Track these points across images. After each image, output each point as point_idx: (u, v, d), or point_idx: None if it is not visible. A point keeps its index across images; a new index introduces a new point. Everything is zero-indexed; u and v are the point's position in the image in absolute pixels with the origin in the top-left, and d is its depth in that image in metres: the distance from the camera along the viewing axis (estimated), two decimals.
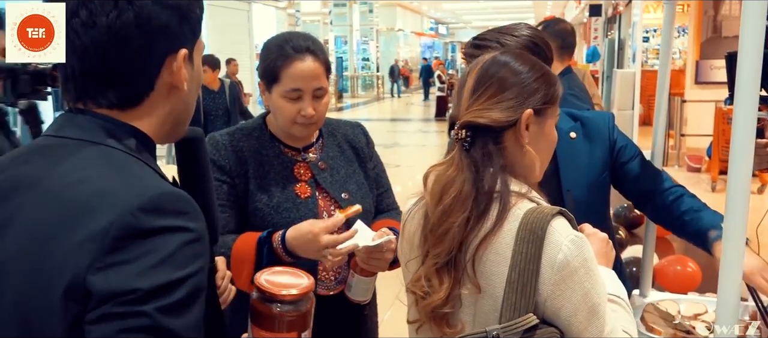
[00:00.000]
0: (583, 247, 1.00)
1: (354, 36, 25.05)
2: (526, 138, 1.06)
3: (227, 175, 1.52)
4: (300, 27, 18.87)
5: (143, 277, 0.68)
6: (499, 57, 1.11)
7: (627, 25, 11.01)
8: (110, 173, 0.76)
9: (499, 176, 1.04)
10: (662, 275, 3.42)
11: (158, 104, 0.84)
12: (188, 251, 0.72)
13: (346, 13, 23.81)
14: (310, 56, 1.50)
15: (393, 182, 1.78)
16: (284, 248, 1.44)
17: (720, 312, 1.09)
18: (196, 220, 0.76)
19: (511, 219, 1.02)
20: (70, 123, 0.82)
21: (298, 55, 1.49)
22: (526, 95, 1.07)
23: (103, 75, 0.80)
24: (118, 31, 0.77)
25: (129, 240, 0.69)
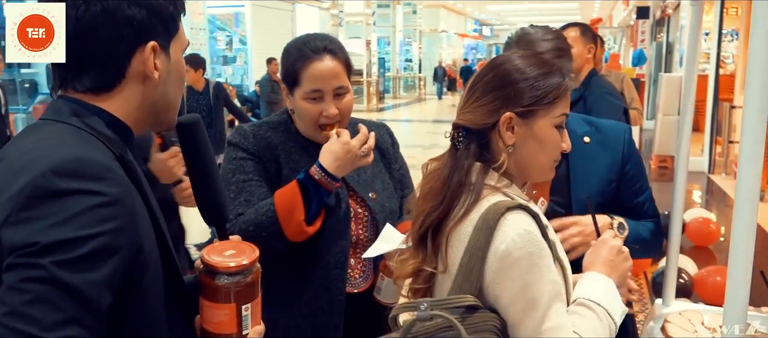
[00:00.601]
0: (531, 241, 1.05)
1: (397, 37, 25.07)
2: (508, 139, 1.13)
3: (258, 158, 1.54)
4: (343, 28, 19.00)
5: (44, 232, 0.74)
6: (497, 59, 1.18)
7: (675, 28, 10.70)
8: (50, 144, 0.83)
9: (475, 171, 1.13)
10: (701, 285, 3.32)
11: (131, 92, 0.92)
12: (97, 214, 0.77)
13: (390, 14, 23.85)
14: (328, 56, 1.50)
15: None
16: (328, 175, 1.46)
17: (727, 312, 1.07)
18: (114, 186, 0.80)
19: (478, 210, 1.10)
20: (52, 107, 0.92)
21: (316, 55, 1.50)
22: (508, 98, 1.13)
23: (77, 62, 0.88)
24: (87, 23, 0.86)
25: (39, 199, 0.76)
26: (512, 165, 1.15)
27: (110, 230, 0.77)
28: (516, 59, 1.16)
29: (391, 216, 1.61)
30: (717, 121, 7.77)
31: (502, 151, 1.13)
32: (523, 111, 1.12)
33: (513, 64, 1.15)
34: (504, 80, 1.13)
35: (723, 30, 8.01)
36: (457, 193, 1.13)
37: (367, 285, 1.61)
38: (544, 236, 1.08)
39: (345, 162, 1.47)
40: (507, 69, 1.14)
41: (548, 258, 1.07)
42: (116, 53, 0.89)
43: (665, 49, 12.09)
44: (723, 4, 7.86)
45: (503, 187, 1.13)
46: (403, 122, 17.52)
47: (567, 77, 1.17)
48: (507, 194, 1.12)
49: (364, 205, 1.60)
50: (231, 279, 0.94)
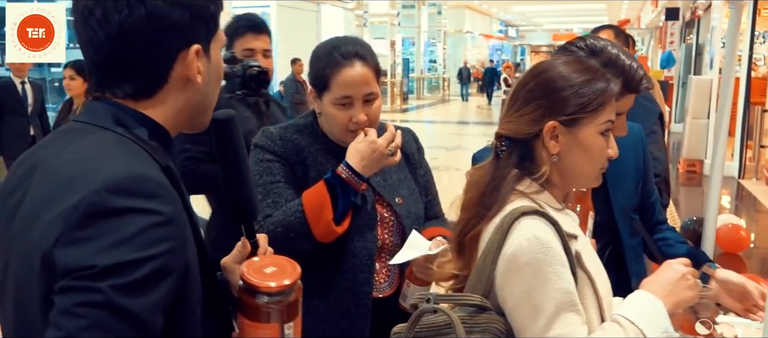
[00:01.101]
0: (538, 248, 1.03)
1: (421, 37, 25.04)
2: (553, 149, 1.11)
3: (285, 160, 1.53)
4: (368, 28, 19.02)
5: (101, 254, 0.71)
6: (540, 66, 1.15)
7: (706, 29, 10.48)
8: (97, 155, 0.80)
9: (511, 177, 1.12)
10: None
11: (173, 96, 0.89)
12: (153, 234, 0.74)
13: (415, 14, 23.84)
14: (359, 62, 1.49)
15: (453, 185, 1.76)
16: (355, 174, 1.46)
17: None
18: (168, 204, 0.78)
19: (502, 213, 1.10)
20: (89, 110, 0.89)
21: (346, 61, 1.48)
22: (551, 106, 1.10)
23: (118, 68, 0.85)
24: (130, 28, 0.82)
25: (94, 218, 0.73)
26: (556, 174, 1.13)
27: (166, 251, 0.75)
28: (559, 66, 1.13)
29: (416, 221, 1.60)
30: (748, 125, 7.59)
31: (545, 161, 1.11)
32: (567, 120, 1.10)
33: (556, 71, 1.12)
34: (547, 88, 1.11)
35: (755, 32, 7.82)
36: (494, 200, 1.12)
37: (392, 290, 1.60)
38: (564, 246, 1.06)
39: (371, 161, 1.46)
40: (550, 76, 1.12)
41: (559, 266, 1.04)
42: (159, 59, 0.86)
43: (695, 52, 11.86)
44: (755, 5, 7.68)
45: (532, 193, 1.11)
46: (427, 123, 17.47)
47: (612, 82, 1.13)
48: (534, 199, 1.11)
49: (390, 210, 1.58)
50: (273, 299, 0.91)
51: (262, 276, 0.93)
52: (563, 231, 1.07)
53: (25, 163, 0.88)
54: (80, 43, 0.86)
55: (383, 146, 1.46)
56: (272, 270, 0.95)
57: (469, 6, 28.53)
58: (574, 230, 1.12)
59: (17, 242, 0.79)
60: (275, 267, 0.95)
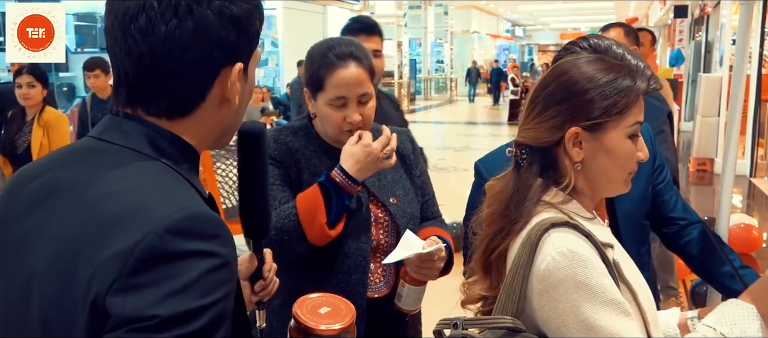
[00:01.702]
0: (575, 261, 0.96)
1: (428, 38, 25.00)
2: (576, 156, 1.04)
3: (279, 163, 1.54)
4: None
5: (163, 304, 0.66)
6: (559, 67, 1.08)
7: (715, 26, 10.40)
8: (145, 188, 0.74)
9: (536, 188, 1.06)
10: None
11: (208, 116, 0.82)
12: (214, 278, 0.69)
13: (421, 15, 23.79)
14: (353, 62, 1.50)
15: (461, 186, 1.75)
16: (349, 178, 1.46)
17: None
18: (225, 244, 0.73)
19: (529, 226, 1.03)
20: (116, 127, 0.81)
21: (341, 62, 1.49)
22: (572, 111, 1.03)
23: (155, 82, 0.78)
24: (176, 41, 0.76)
25: (153, 263, 0.67)
26: (582, 182, 1.07)
27: (224, 296, 0.71)
28: (582, 65, 1.05)
29: (412, 222, 1.60)
30: (759, 122, 7.52)
31: (569, 169, 1.05)
32: (590, 125, 1.03)
33: (577, 72, 1.04)
34: (567, 92, 1.04)
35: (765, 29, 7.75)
36: (519, 214, 1.05)
37: (388, 290, 1.60)
38: (601, 256, 0.99)
39: (366, 165, 1.46)
40: (570, 79, 1.04)
41: (602, 277, 0.97)
42: (202, 76, 0.79)
43: (704, 49, 11.77)
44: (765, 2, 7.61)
45: (559, 203, 1.05)
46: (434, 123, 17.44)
47: (639, 80, 1.05)
48: (562, 210, 1.04)
49: (385, 210, 1.58)
50: None
51: (317, 318, 0.91)
52: (598, 241, 1.01)
53: (37, 179, 0.80)
54: (113, 52, 0.79)
55: (378, 150, 1.46)
56: (326, 310, 0.93)
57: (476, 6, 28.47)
58: (608, 239, 1.06)
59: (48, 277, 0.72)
60: (329, 308, 0.94)
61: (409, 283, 1.52)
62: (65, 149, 0.87)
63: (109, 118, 0.83)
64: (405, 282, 1.52)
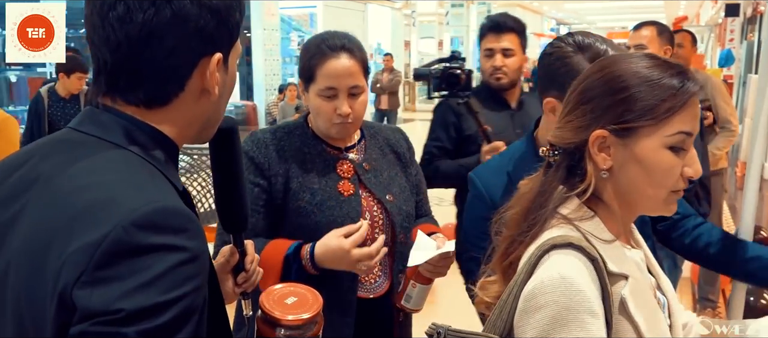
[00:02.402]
0: (562, 290, 0.87)
1: (471, 36, 24.79)
2: (602, 163, 0.95)
3: (262, 175, 1.51)
4: (415, 28, 18.94)
5: (128, 298, 0.66)
6: (600, 63, 1.00)
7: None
8: (116, 182, 0.74)
9: (556, 196, 0.98)
10: None
11: (187, 107, 0.83)
12: (181, 273, 0.70)
13: (464, 13, 23.60)
14: (345, 54, 1.49)
15: None
16: (313, 265, 1.43)
17: None
18: (194, 238, 0.73)
19: (539, 241, 0.96)
20: (93, 119, 0.82)
21: (332, 53, 1.49)
22: (600, 111, 0.94)
23: (134, 71, 0.79)
24: (153, 29, 0.77)
25: (119, 257, 0.67)
26: (610, 194, 0.97)
27: (192, 290, 0.71)
28: (622, 62, 0.96)
29: (407, 219, 1.59)
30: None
31: (591, 176, 0.96)
32: (619, 129, 0.93)
33: (616, 68, 0.95)
34: (602, 89, 0.95)
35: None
36: (536, 220, 0.98)
37: (383, 291, 1.58)
38: (603, 288, 0.90)
39: (334, 259, 1.42)
40: (607, 75, 0.95)
41: (586, 314, 0.87)
42: (180, 65, 0.80)
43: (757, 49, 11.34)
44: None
45: (577, 218, 0.95)
46: None
47: (689, 82, 0.93)
48: (578, 227, 0.95)
49: (381, 207, 1.57)
50: (293, 333, 0.90)
51: (283, 308, 0.91)
52: (605, 270, 0.91)
53: (18, 171, 0.80)
54: (92, 41, 0.80)
55: (353, 260, 1.39)
56: (293, 300, 0.93)
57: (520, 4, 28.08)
58: (624, 269, 0.94)
59: (20, 269, 0.73)
60: (296, 298, 0.94)
61: (420, 283, 1.50)
62: (46, 139, 0.86)
63: (87, 109, 0.84)
64: (416, 283, 1.51)
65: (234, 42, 0.86)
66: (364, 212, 1.55)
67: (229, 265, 1.11)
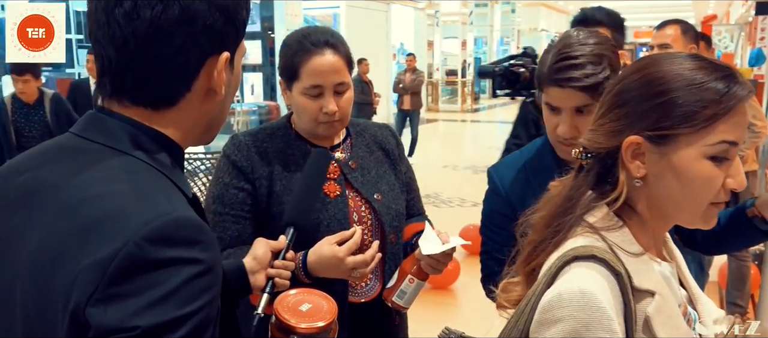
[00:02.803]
0: (581, 306, 0.81)
1: (495, 36, 24.63)
2: (635, 171, 0.89)
3: (246, 179, 1.47)
4: (439, 28, 18.87)
5: (143, 314, 0.64)
6: (639, 62, 0.93)
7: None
8: (125, 192, 0.72)
9: (583, 202, 0.92)
10: None
11: (192, 107, 0.81)
12: (196, 286, 0.68)
13: (487, 13, 23.46)
14: (329, 50, 1.44)
15: None
16: (305, 272, 1.38)
17: None
18: (208, 249, 0.71)
19: (561, 250, 0.90)
20: (98, 125, 0.79)
21: (317, 49, 1.44)
22: (635, 116, 0.88)
23: (140, 70, 0.77)
24: (161, 26, 0.74)
25: (132, 272, 0.66)
26: (644, 204, 0.91)
27: (207, 303, 0.69)
28: (663, 62, 0.89)
29: (397, 218, 1.54)
30: None
31: (622, 184, 0.90)
32: (655, 136, 0.86)
33: (656, 70, 0.88)
34: (635, 92, 0.88)
35: None
36: (561, 226, 0.93)
37: (374, 295, 1.54)
38: (626, 305, 0.84)
39: (327, 268, 1.37)
40: (646, 76, 0.88)
41: (603, 332, 0.81)
42: (188, 64, 0.78)
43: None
44: None
45: (604, 228, 0.89)
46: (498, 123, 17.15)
47: (735, 87, 0.85)
48: (605, 237, 0.88)
49: (368, 206, 1.52)
50: None
51: (298, 316, 0.90)
52: (630, 286, 0.85)
53: (21, 176, 0.78)
54: (97, 38, 0.77)
55: (347, 268, 1.35)
56: (308, 307, 0.92)
57: (545, 4, 27.83)
58: (651, 285, 0.87)
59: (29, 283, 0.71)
60: (311, 305, 0.92)
61: (418, 279, 1.44)
62: (47, 145, 0.84)
63: (91, 114, 0.81)
64: (414, 278, 1.45)
65: (240, 41, 0.84)
66: (352, 212, 1.50)
67: (263, 260, 1.19)
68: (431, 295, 4.37)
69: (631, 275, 0.86)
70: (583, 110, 1.33)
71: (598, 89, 1.28)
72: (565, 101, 1.34)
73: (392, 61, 14.58)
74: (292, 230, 1.24)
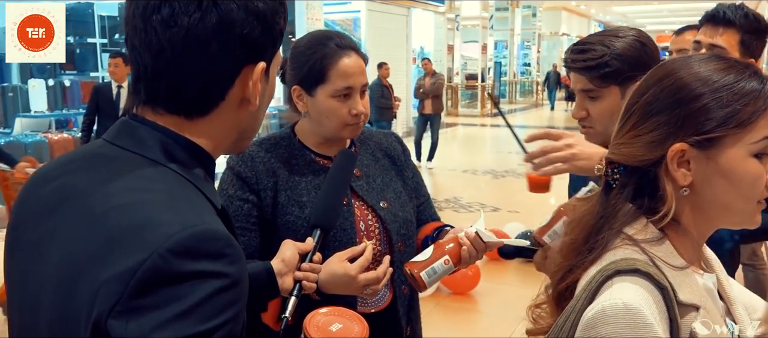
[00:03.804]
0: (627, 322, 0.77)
1: (515, 40, 24.53)
2: (682, 179, 0.85)
3: (251, 190, 1.44)
4: (459, 32, 18.82)
5: (165, 328, 0.63)
6: (663, 68, 0.90)
7: None
8: (152, 202, 0.71)
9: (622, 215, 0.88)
10: None
11: (226, 117, 0.80)
12: (220, 300, 0.66)
13: (508, 17, 23.37)
14: (354, 53, 1.45)
15: (538, 195, 1.64)
16: (317, 291, 1.33)
17: None
18: (233, 263, 0.69)
19: (600, 263, 0.86)
20: (129, 132, 0.79)
21: (344, 51, 1.43)
22: (678, 123, 0.84)
23: (175, 78, 0.76)
24: (198, 34, 0.74)
25: (156, 285, 0.64)
26: (688, 214, 0.88)
27: (231, 318, 0.68)
28: (693, 64, 0.87)
29: (405, 226, 1.51)
30: None
31: (671, 196, 0.85)
32: (701, 140, 0.84)
33: (687, 73, 0.86)
34: (672, 98, 0.85)
35: None
36: (598, 243, 0.89)
37: (385, 304, 1.51)
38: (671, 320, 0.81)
39: (339, 286, 1.32)
40: (676, 82, 0.85)
41: None
42: (223, 73, 0.77)
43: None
44: None
45: (645, 240, 0.86)
46: (519, 128, 17.07)
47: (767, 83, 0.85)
48: (645, 250, 0.85)
49: (374, 215, 1.49)
50: None
51: (328, 336, 0.89)
52: (675, 300, 0.82)
53: (51, 183, 0.79)
54: (133, 45, 0.77)
55: (359, 286, 1.32)
56: (338, 327, 0.91)
57: (566, 7, 27.65)
58: (695, 299, 0.84)
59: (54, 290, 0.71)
60: (341, 325, 0.92)
61: (452, 261, 1.39)
62: (78, 152, 0.85)
63: (123, 121, 0.81)
64: (449, 259, 1.39)
65: (276, 51, 0.83)
66: (358, 221, 1.48)
67: (291, 263, 1.21)
68: (450, 301, 4.33)
69: (675, 288, 0.83)
70: (590, 95, 1.44)
71: (597, 73, 1.39)
72: (574, 84, 1.47)
73: (412, 66, 14.56)
74: (319, 231, 1.25)
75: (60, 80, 8.18)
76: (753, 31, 1.92)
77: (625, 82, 1.40)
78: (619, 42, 1.40)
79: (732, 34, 1.91)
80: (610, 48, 1.39)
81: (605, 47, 1.39)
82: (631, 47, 1.40)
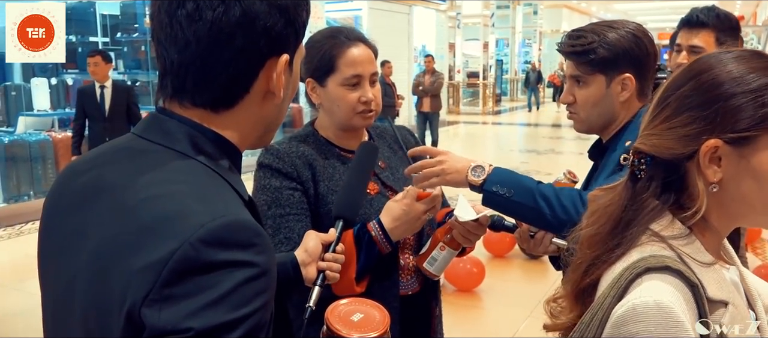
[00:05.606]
0: (659, 320, 0.77)
1: (516, 38, 24.51)
2: (712, 176, 0.84)
3: (295, 180, 1.49)
4: (461, 29, 18.81)
5: (197, 316, 0.64)
6: (699, 63, 0.88)
7: None
8: (182, 194, 0.73)
9: (648, 210, 0.87)
10: None
11: (251, 110, 0.81)
12: (250, 289, 0.68)
13: (509, 15, 23.36)
14: (362, 43, 1.52)
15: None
16: (384, 235, 1.42)
17: None
18: (263, 252, 0.71)
19: (626, 260, 0.86)
20: (157, 126, 0.80)
21: (352, 42, 1.51)
22: (713, 118, 0.83)
23: (201, 71, 0.77)
24: (222, 28, 0.75)
25: (187, 274, 0.66)
26: (714, 210, 0.87)
27: (261, 306, 0.69)
28: (729, 62, 0.85)
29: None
30: None
31: (701, 193, 0.84)
32: (736, 138, 0.82)
33: (723, 70, 0.85)
34: (709, 94, 0.84)
35: None
36: (625, 238, 0.88)
37: (419, 287, 1.59)
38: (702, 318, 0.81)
39: (404, 224, 1.41)
40: (712, 78, 0.84)
41: None
42: (247, 65, 0.78)
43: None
44: None
45: (672, 237, 0.85)
46: (520, 125, 17.05)
47: None
48: (673, 246, 0.85)
49: None
50: None
51: (349, 326, 0.89)
52: (705, 298, 0.82)
53: (83, 176, 0.80)
54: (159, 40, 0.78)
55: (420, 211, 1.40)
56: (359, 317, 0.91)
57: (567, 5, 27.62)
58: (724, 295, 0.84)
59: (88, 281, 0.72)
60: (362, 315, 0.92)
61: (449, 247, 1.49)
62: (108, 145, 0.86)
63: (152, 115, 0.83)
64: (445, 245, 1.49)
65: (299, 43, 0.84)
66: None
67: (315, 253, 1.22)
68: (455, 298, 4.33)
69: (704, 285, 0.83)
70: (577, 80, 1.48)
71: (584, 59, 1.44)
72: (566, 69, 1.53)
73: (414, 64, 14.56)
74: (342, 223, 1.27)
75: (62, 79, 8.20)
76: (726, 29, 2.08)
77: (612, 73, 1.43)
78: (612, 33, 1.43)
79: (707, 34, 2.05)
80: (601, 37, 1.43)
81: (596, 35, 1.43)
82: (623, 39, 1.42)
